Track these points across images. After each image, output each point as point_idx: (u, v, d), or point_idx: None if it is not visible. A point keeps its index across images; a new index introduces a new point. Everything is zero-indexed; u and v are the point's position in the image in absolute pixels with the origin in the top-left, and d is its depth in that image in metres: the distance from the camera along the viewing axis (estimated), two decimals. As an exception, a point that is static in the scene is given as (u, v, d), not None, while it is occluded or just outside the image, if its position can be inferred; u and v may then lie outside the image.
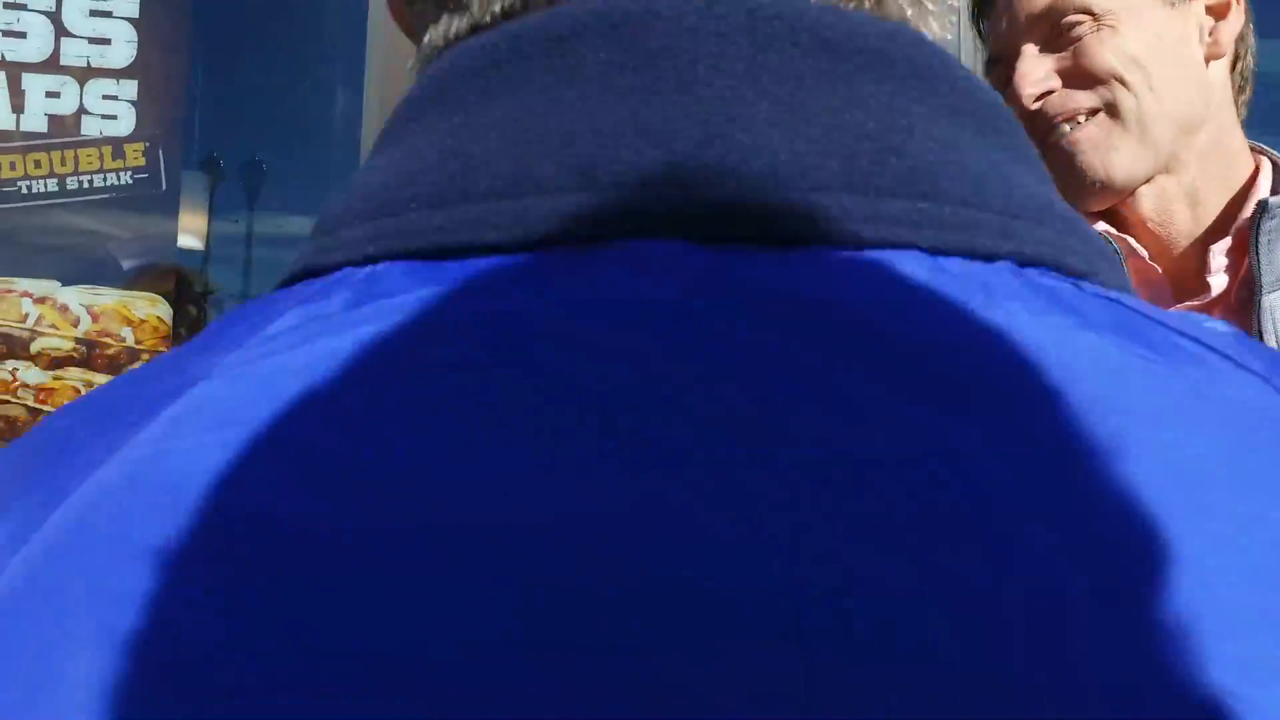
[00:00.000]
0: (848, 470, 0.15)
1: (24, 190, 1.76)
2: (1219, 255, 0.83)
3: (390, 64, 1.72)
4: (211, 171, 2.30)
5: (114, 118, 1.77)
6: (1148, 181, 0.84)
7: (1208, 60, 0.85)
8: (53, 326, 1.75)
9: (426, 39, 0.22)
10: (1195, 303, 0.82)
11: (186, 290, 1.87)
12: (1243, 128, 0.90)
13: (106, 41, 1.78)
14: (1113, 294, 0.19)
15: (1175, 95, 0.83)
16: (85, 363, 1.76)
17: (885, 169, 0.18)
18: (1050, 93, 0.83)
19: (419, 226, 0.18)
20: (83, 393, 1.78)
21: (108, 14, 1.76)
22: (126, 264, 1.78)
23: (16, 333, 1.75)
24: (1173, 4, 0.83)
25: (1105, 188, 0.83)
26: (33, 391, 1.74)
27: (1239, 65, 0.89)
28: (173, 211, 1.80)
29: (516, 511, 0.14)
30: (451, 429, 0.15)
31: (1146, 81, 0.81)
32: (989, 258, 0.18)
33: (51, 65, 1.76)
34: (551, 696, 0.13)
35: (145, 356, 1.77)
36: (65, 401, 1.76)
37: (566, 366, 0.16)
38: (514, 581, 0.14)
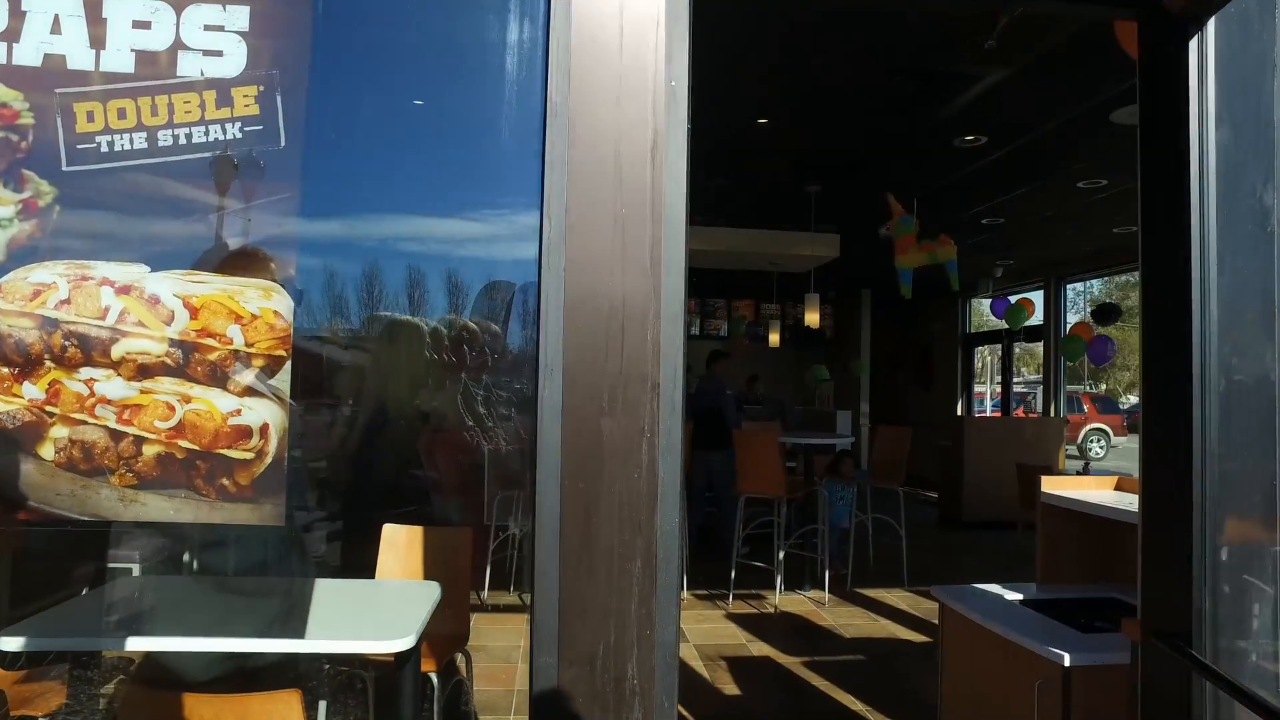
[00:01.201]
0: None
1: (104, 148, 1.36)
2: None
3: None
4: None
5: (219, 54, 1.38)
6: None
7: None
8: (140, 324, 1.35)
9: None
10: None
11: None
12: None
13: (208, -43, 1.39)
14: None
15: None
16: (181, 371, 1.36)
17: None
18: None
19: None
20: (178, 410, 1.39)
21: (213, -82, 1.37)
22: (234, 243, 1.38)
23: (94, 332, 1.35)
24: None
25: None
26: (114, 409, 1.34)
27: None
28: (293, 173, 1.39)
29: None
30: None
31: None
32: None
33: (140, -14, 1.37)
34: None
35: (259, 362, 1.37)
36: (155, 420, 1.37)
37: None
38: None
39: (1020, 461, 8.23)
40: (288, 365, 1.39)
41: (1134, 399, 25.46)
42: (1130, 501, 2.23)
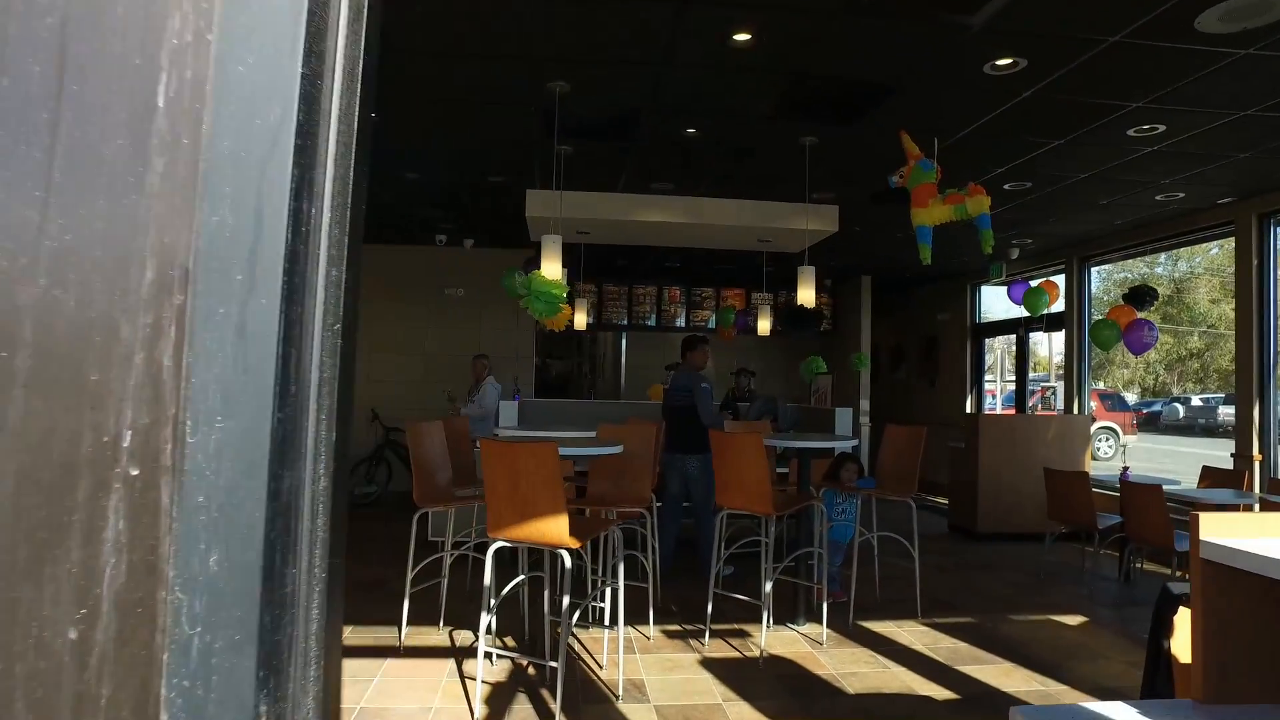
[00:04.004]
0: None
1: None
2: None
3: None
4: None
5: None
6: None
7: None
8: None
9: None
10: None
11: None
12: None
13: None
14: None
15: None
16: None
17: None
18: None
19: None
20: None
21: None
22: None
23: None
24: None
25: None
26: None
27: None
28: None
29: None
30: None
31: None
32: None
33: None
34: None
35: None
36: None
37: None
38: None
39: (1045, 464, 7.24)
40: None
41: (1132, 397, 24.51)
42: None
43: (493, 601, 4.28)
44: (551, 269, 4.33)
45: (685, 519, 6.08)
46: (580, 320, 7.89)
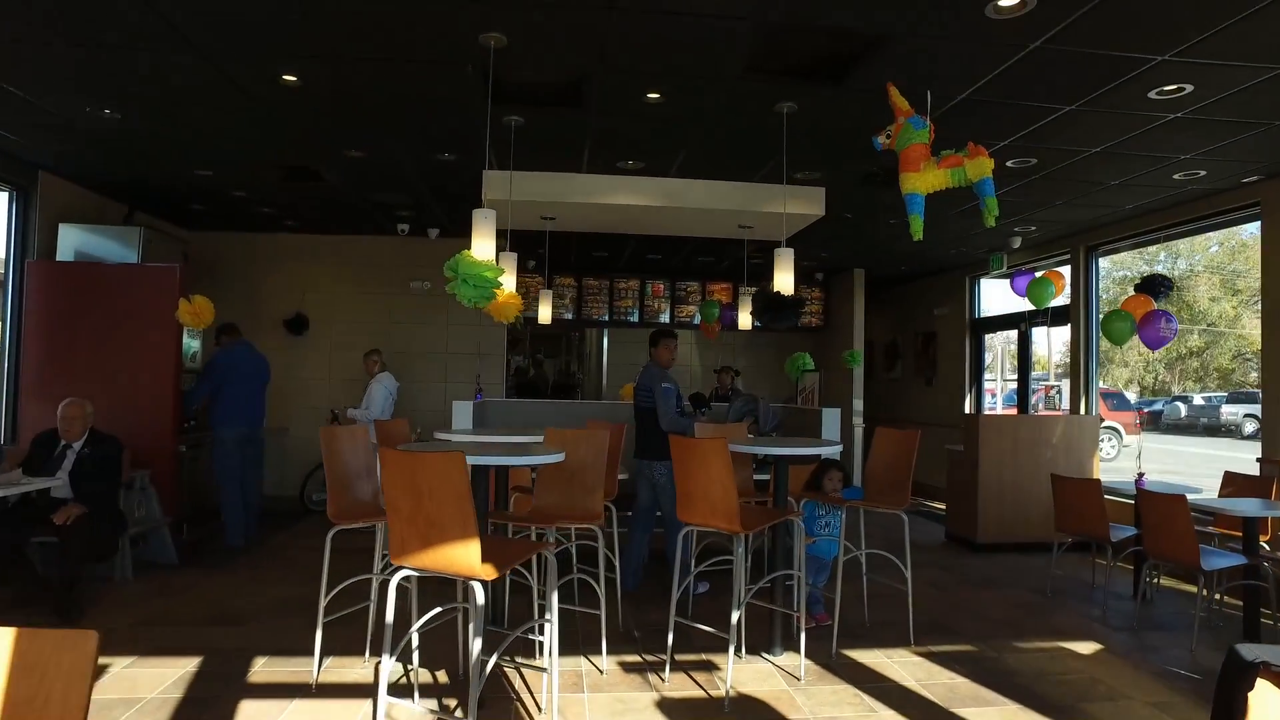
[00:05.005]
0: None
1: None
2: None
3: None
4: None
5: None
6: None
7: None
8: None
9: None
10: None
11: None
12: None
13: None
14: None
15: None
16: None
17: None
18: None
19: None
20: None
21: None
22: None
23: None
24: None
25: None
26: None
27: None
28: None
29: None
30: None
31: None
32: None
33: None
34: None
35: None
36: None
37: None
38: None
39: (1050, 469, 6.66)
40: None
41: (1132, 396, 23.93)
42: None
43: (413, 638, 3.71)
44: (483, 248, 3.75)
45: (658, 529, 5.51)
46: (545, 314, 7.29)
